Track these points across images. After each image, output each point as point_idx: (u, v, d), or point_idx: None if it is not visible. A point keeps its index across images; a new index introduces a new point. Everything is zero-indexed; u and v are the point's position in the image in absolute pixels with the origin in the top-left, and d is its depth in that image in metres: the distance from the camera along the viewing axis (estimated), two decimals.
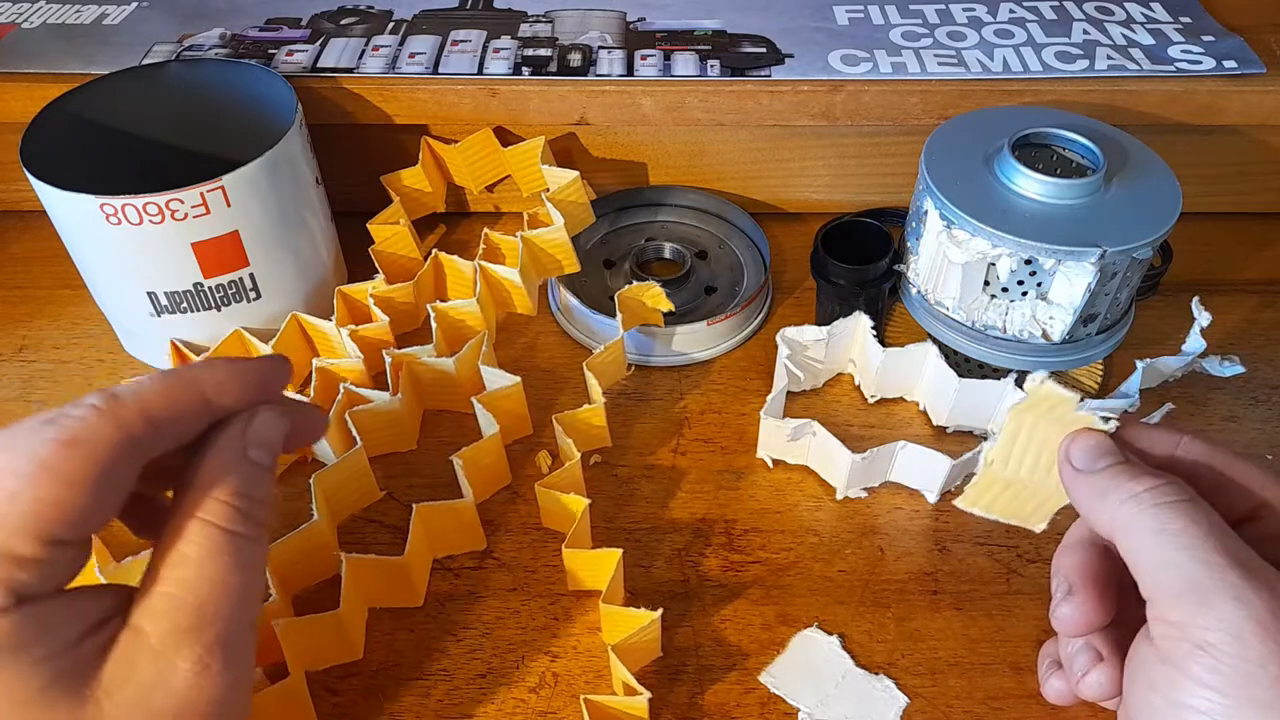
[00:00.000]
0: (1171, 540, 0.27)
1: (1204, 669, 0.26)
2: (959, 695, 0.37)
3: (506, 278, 0.48)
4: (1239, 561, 0.26)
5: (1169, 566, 0.27)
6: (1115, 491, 0.29)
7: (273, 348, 0.46)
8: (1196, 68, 0.52)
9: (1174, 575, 0.27)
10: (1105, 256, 0.39)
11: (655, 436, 0.46)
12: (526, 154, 0.54)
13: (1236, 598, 0.25)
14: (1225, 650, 0.25)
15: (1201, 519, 0.27)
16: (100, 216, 0.41)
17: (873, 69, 0.53)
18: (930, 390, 0.46)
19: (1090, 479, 0.30)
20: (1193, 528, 0.27)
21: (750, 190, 0.58)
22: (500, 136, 0.54)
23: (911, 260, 0.46)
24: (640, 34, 0.56)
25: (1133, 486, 0.29)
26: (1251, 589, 0.25)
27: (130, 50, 0.54)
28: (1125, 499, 0.29)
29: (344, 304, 0.48)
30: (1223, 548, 0.26)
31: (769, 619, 0.39)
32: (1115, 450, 0.30)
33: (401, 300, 0.49)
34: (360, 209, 0.53)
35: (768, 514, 0.43)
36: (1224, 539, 0.27)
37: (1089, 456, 0.30)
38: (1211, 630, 0.25)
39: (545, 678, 0.37)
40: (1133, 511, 0.28)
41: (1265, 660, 0.25)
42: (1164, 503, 0.28)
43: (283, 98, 0.48)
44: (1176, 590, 0.27)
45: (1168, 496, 0.28)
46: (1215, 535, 0.27)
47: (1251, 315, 0.52)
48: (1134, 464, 0.30)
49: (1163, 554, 0.27)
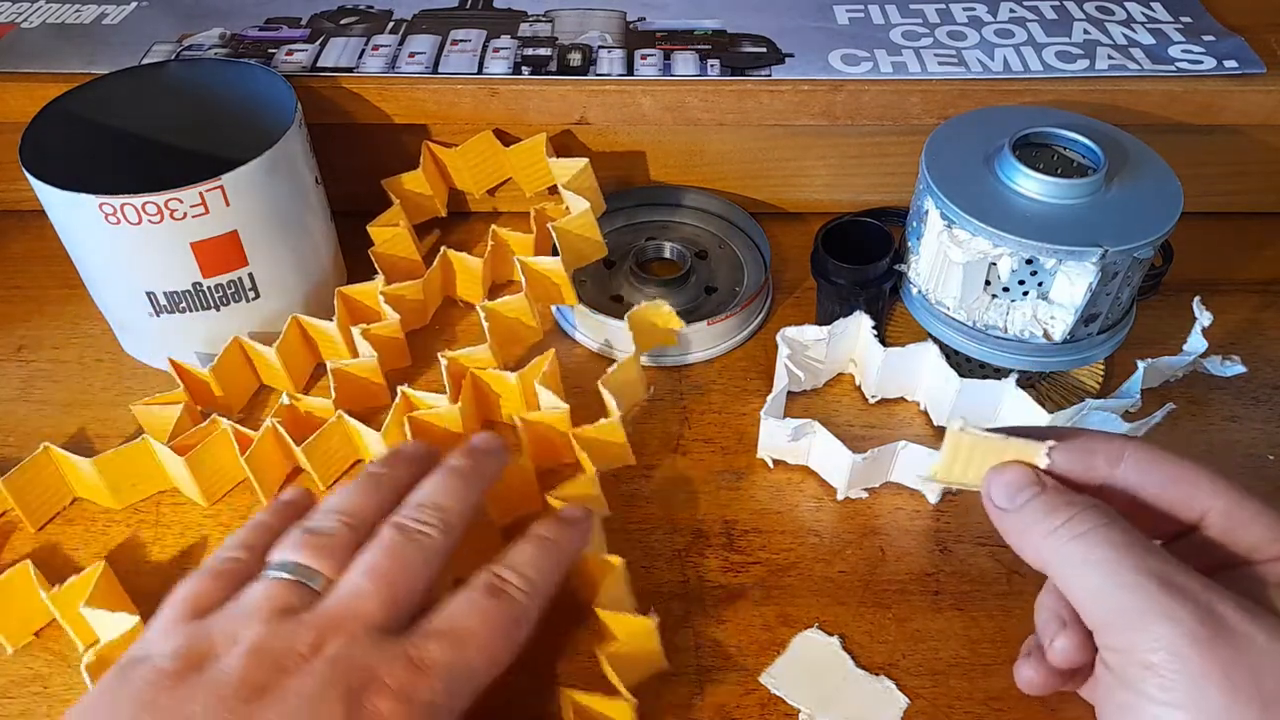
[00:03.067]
0: (1095, 569, 0.27)
1: (1157, 689, 0.26)
2: (960, 696, 0.37)
3: (550, 268, 0.48)
4: (1163, 580, 0.26)
5: (1099, 595, 0.27)
6: (1036, 528, 0.29)
7: (275, 350, 0.46)
8: (1197, 67, 0.52)
9: (1106, 604, 0.27)
10: (1106, 256, 0.39)
11: (655, 436, 0.46)
12: (528, 152, 0.54)
13: (1168, 616, 0.26)
14: (1170, 668, 0.26)
15: (1120, 541, 0.27)
16: (100, 216, 0.41)
17: (873, 69, 0.53)
18: (931, 390, 0.46)
19: (1012, 518, 0.30)
20: (1113, 553, 0.27)
21: (750, 190, 0.58)
22: (499, 137, 0.54)
23: (912, 260, 0.46)
24: (640, 34, 0.56)
25: (1051, 522, 0.28)
26: (1178, 604, 0.26)
27: (130, 50, 0.54)
28: (1046, 535, 0.28)
29: (344, 305, 0.48)
30: (1145, 568, 0.26)
31: (769, 620, 0.39)
32: (1034, 481, 0.30)
33: (411, 298, 0.49)
34: (360, 209, 0.53)
35: (768, 514, 0.43)
36: (1145, 558, 0.27)
37: (1008, 494, 0.30)
38: (1153, 652, 0.26)
39: (546, 678, 0.37)
40: (1054, 547, 0.28)
41: (1208, 673, 0.25)
42: (1082, 533, 0.28)
43: (282, 97, 0.48)
44: (1112, 618, 0.27)
45: (1085, 524, 0.28)
46: (1136, 556, 0.27)
47: (1252, 315, 0.52)
48: (1051, 493, 0.29)
49: (1090, 584, 0.27)
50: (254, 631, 0.30)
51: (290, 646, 0.29)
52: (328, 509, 0.34)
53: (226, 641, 0.30)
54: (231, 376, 0.47)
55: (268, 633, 0.30)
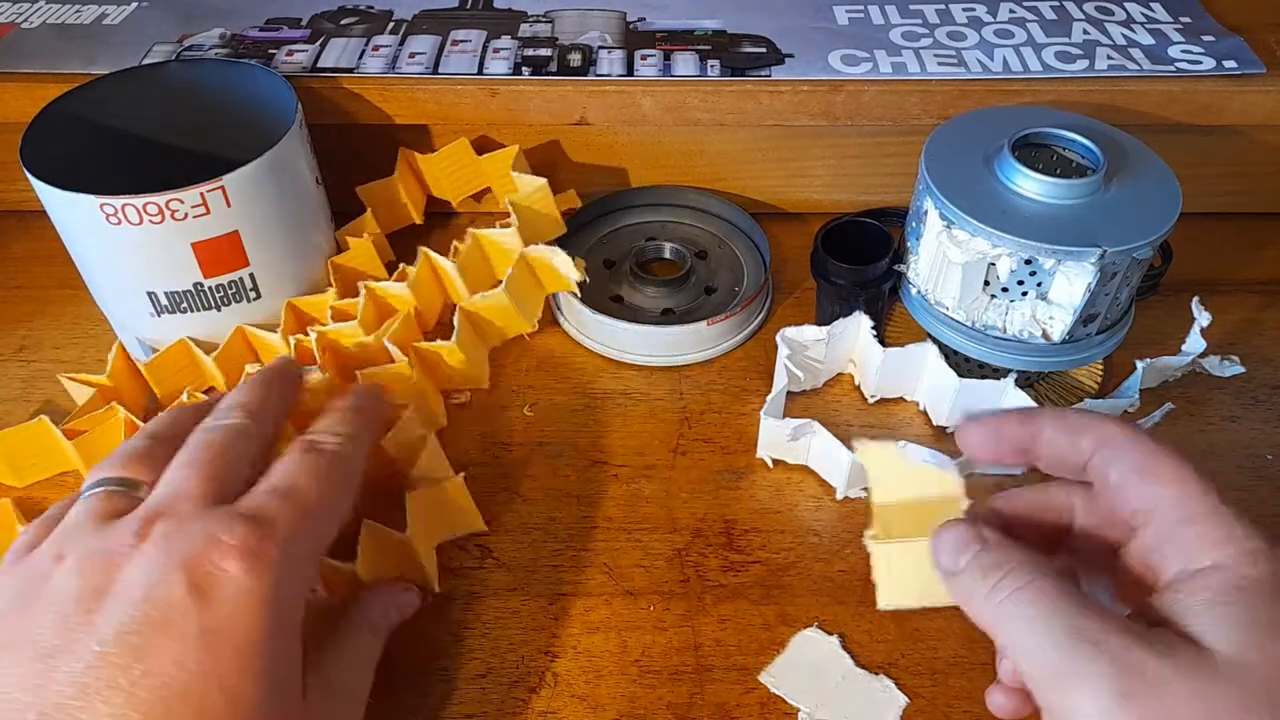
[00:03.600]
0: (1025, 629, 0.27)
1: None
2: (959, 695, 0.37)
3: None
4: (1087, 639, 0.26)
5: (1032, 656, 0.27)
6: (976, 591, 0.29)
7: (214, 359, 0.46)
8: (1196, 68, 0.52)
9: (1039, 664, 0.27)
10: (1105, 256, 0.39)
11: (655, 436, 0.46)
12: (502, 162, 0.54)
13: (1092, 675, 0.25)
14: None
15: (1051, 597, 0.27)
16: (100, 216, 0.41)
17: (873, 69, 0.53)
18: (930, 390, 0.46)
19: (957, 581, 0.30)
20: (1042, 611, 0.27)
21: (750, 190, 0.58)
22: (498, 139, 0.54)
23: (911, 260, 0.46)
24: (640, 34, 0.56)
25: (985, 585, 0.28)
26: (1103, 663, 0.25)
27: (130, 50, 0.54)
28: (984, 598, 0.28)
29: (292, 315, 0.48)
30: (1071, 627, 0.26)
31: (769, 619, 0.39)
32: (974, 538, 0.29)
33: None
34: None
35: (768, 514, 0.43)
36: (1072, 616, 0.27)
37: (951, 556, 0.30)
38: (1086, 713, 0.26)
39: (545, 678, 0.37)
40: (991, 609, 0.28)
41: None
42: (1014, 590, 0.28)
43: (283, 98, 0.48)
44: (1044, 678, 0.27)
45: (1017, 581, 0.28)
46: (1064, 613, 0.27)
47: (1251, 315, 0.52)
48: (990, 550, 0.29)
49: (1023, 644, 0.27)
50: (80, 543, 0.29)
51: (118, 543, 0.29)
52: (135, 435, 0.34)
53: (54, 560, 0.29)
54: (171, 374, 0.47)
55: (94, 539, 0.29)
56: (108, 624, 0.27)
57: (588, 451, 0.46)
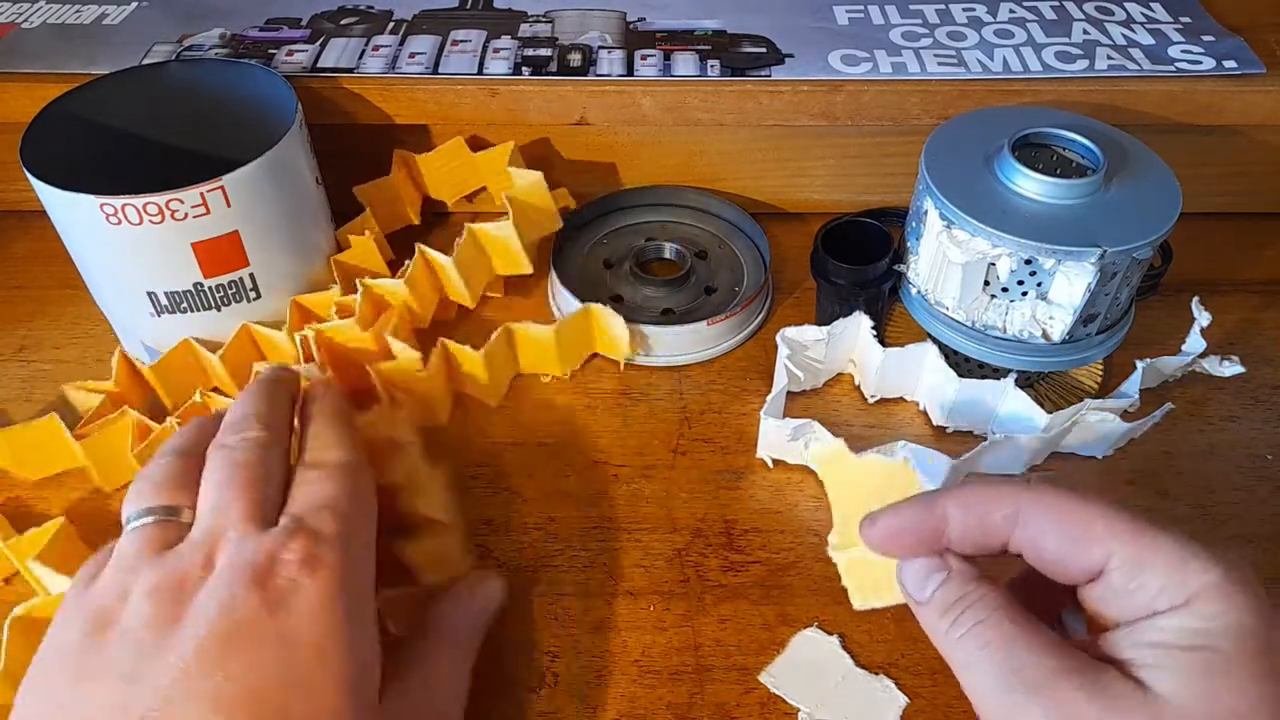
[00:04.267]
0: (976, 671, 0.27)
1: None
2: (959, 695, 0.36)
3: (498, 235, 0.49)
4: (1029, 683, 0.26)
5: (979, 698, 0.27)
6: (938, 627, 0.29)
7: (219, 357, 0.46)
8: (1196, 68, 0.52)
9: (984, 707, 0.27)
10: (1105, 256, 0.39)
11: (655, 436, 0.46)
12: (497, 159, 0.54)
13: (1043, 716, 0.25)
14: None
15: (1000, 638, 0.27)
16: (100, 216, 0.41)
17: (873, 69, 0.53)
18: (930, 390, 0.46)
19: (923, 612, 0.29)
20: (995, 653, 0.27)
21: (750, 190, 0.58)
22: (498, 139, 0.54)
23: (911, 260, 0.46)
24: (640, 34, 0.56)
25: (945, 621, 0.28)
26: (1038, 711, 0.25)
27: (130, 50, 0.54)
28: (944, 634, 0.28)
29: (298, 312, 0.48)
30: (1015, 669, 0.26)
31: (769, 619, 0.39)
32: (938, 567, 0.29)
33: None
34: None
35: (768, 514, 0.43)
36: (1017, 657, 0.26)
37: (917, 585, 0.29)
38: None
39: (545, 678, 0.37)
40: (950, 646, 0.28)
41: None
42: (967, 630, 0.28)
43: (283, 98, 0.48)
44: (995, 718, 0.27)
45: (971, 620, 0.28)
46: (1010, 654, 0.26)
47: (1251, 315, 0.52)
48: (952, 581, 0.29)
49: (972, 686, 0.27)
50: (144, 575, 0.30)
51: (184, 573, 0.29)
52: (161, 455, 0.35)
53: (120, 593, 0.30)
54: (176, 376, 0.47)
55: (157, 571, 0.30)
56: (185, 642, 0.28)
57: (588, 451, 0.46)
